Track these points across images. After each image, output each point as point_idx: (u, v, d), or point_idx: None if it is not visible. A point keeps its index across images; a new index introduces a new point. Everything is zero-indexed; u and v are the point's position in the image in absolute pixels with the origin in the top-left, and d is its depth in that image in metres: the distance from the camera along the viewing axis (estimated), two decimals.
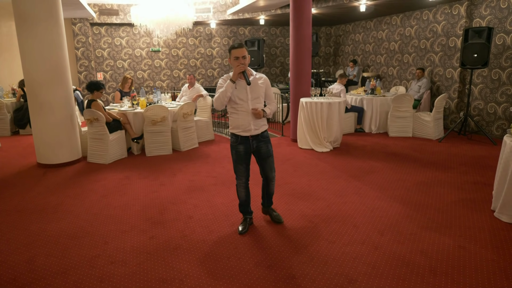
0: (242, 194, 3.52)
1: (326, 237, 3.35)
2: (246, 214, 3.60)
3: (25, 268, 2.95)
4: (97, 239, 3.40)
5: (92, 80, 6.04)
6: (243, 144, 3.33)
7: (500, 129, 7.24)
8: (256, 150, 3.38)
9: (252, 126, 3.29)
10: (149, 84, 11.71)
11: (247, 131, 3.29)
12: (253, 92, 3.26)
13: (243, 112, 3.27)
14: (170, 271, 2.87)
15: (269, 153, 3.44)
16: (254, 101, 3.27)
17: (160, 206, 4.15)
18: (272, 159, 3.47)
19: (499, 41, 7.05)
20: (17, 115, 8.47)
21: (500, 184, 3.67)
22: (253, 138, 3.33)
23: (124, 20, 10.60)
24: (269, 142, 3.46)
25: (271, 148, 3.47)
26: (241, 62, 3.15)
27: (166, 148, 6.44)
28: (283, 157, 6.12)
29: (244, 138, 3.32)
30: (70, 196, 4.51)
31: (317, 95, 6.71)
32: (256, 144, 3.36)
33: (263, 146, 3.39)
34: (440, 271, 2.79)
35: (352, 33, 11.62)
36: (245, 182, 3.48)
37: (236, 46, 3.17)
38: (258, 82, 3.30)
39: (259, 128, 3.34)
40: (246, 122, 3.27)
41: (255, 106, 3.28)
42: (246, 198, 3.53)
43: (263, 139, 3.39)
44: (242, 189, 3.50)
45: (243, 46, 3.19)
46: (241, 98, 3.25)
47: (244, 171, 3.42)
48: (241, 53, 3.16)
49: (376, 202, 4.14)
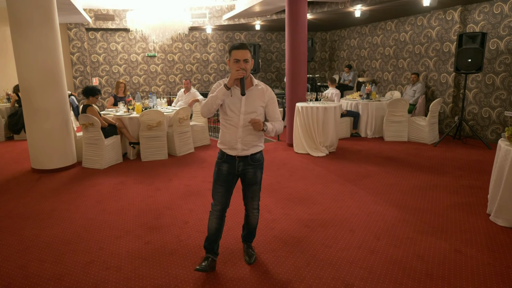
0: (212, 224, 2.85)
1: (322, 242, 3.34)
2: (209, 253, 2.90)
3: (18, 275, 2.91)
4: (92, 245, 3.37)
5: (88, 86, 6.02)
6: (227, 164, 2.77)
7: (494, 133, 7.29)
8: (241, 174, 2.80)
9: (240, 145, 2.71)
10: (144, 89, 11.70)
11: (232, 149, 2.73)
12: (249, 105, 2.69)
13: (231, 127, 2.72)
14: (166, 276, 2.84)
15: (255, 180, 2.83)
16: (247, 116, 2.69)
17: (155, 211, 4.12)
18: (258, 187, 2.89)
19: (492, 46, 7.12)
20: (12, 120, 8.41)
21: (495, 188, 3.69)
22: (241, 159, 2.75)
23: (119, 25, 10.60)
24: (260, 168, 2.84)
25: (260, 175, 2.86)
26: (242, 66, 2.60)
27: (161, 153, 6.42)
28: (279, 162, 6.11)
29: (229, 157, 2.77)
30: (64, 202, 4.47)
31: (312, 99, 6.73)
32: (243, 167, 2.77)
33: (250, 171, 2.79)
34: (437, 275, 2.78)
35: (347, 38, 11.69)
36: (220, 210, 2.82)
37: (238, 46, 2.63)
38: (258, 94, 2.73)
39: (249, 148, 2.74)
40: (233, 139, 2.71)
41: (248, 123, 2.70)
42: (215, 232, 2.86)
43: (253, 163, 2.78)
44: (213, 218, 2.84)
45: (246, 47, 2.65)
46: (232, 110, 2.69)
47: (221, 195, 2.80)
48: (242, 56, 2.61)
49: (372, 206, 4.14)
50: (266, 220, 3.82)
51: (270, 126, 2.76)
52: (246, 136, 2.71)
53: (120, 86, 7.54)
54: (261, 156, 2.84)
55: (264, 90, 2.76)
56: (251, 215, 2.97)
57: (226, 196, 2.82)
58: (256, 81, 2.78)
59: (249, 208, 2.96)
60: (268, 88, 2.80)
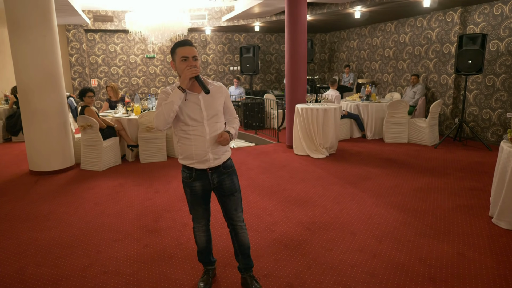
0: (201, 239, 2.67)
1: (323, 245, 3.31)
2: (207, 265, 2.77)
3: (15, 279, 2.86)
4: (90, 248, 3.33)
5: (83, 87, 6.01)
6: (199, 181, 2.46)
7: (495, 135, 7.26)
8: (217, 186, 2.50)
9: (211, 155, 2.40)
10: (143, 90, 11.66)
11: (203, 162, 2.40)
12: (210, 109, 2.37)
13: (197, 137, 2.37)
14: (165, 280, 2.80)
15: (234, 188, 2.53)
16: (212, 121, 2.38)
17: (154, 214, 4.08)
18: (238, 195, 2.56)
19: (493, 48, 7.10)
20: (10, 122, 8.37)
21: (497, 190, 3.65)
22: (213, 171, 2.45)
23: (118, 26, 10.56)
24: (234, 173, 2.56)
25: (237, 181, 2.57)
26: (192, 63, 2.27)
27: (160, 154, 6.38)
28: (279, 164, 6.08)
29: (200, 172, 2.44)
30: (62, 204, 4.42)
31: (312, 101, 6.70)
32: (217, 179, 2.47)
33: (226, 180, 2.50)
34: (440, 279, 2.75)
35: (346, 39, 11.67)
36: (204, 225, 2.65)
37: (183, 43, 2.32)
38: (216, 93, 2.42)
39: (220, 156, 2.44)
40: (202, 151, 2.38)
41: (214, 127, 2.39)
42: (206, 244, 2.70)
43: (226, 171, 2.49)
44: (201, 233, 2.66)
45: (192, 43, 2.34)
46: (193, 118, 2.34)
47: (203, 213, 2.60)
48: (191, 52, 2.28)
49: (373, 209, 4.10)
50: (266, 223, 3.78)
51: (233, 131, 2.49)
52: (215, 143, 2.39)
53: (109, 90, 7.42)
54: (231, 161, 2.56)
55: (219, 87, 2.46)
56: (239, 230, 2.59)
57: (207, 210, 2.62)
58: (208, 80, 2.45)
59: (234, 222, 2.58)
60: (220, 84, 2.50)
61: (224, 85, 2.75)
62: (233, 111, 2.59)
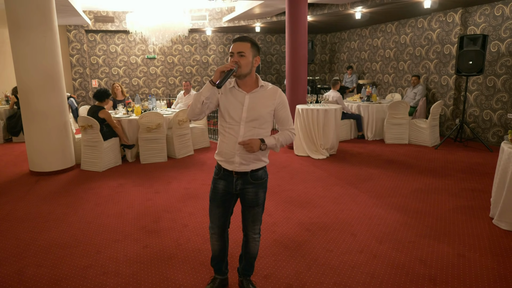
0: (214, 246, 2.54)
1: (323, 246, 3.30)
2: (217, 273, 2.65)
3: (14, 279, 2.86)
4: (90, 249, 3.32)
5: (101, 89, 6.05)
6: (223, 180, 2.35)
7: (496, 136, 7.25)
8: (240, 193, 2.37)
9: (238, 158, 2.26)
10: (144, 91, 11.66)
11: (229, 163, 2.29)
12: (252, 111, 2.23)
13: (230, 136, 2.27)
14: (164, 281, 2.80)
15: (257, 202, 2.38)
16: (251, 124, 2.24)
17: (154, 215, 4.07)
18: (260, 210, 2.43)
19: (493, 49, 7.09)
20: (10, 123, 8.37)
21: (498, 191, 3.64)
22: (238, 176, 2.32)
23: (119, 27, 10.57)
24: (263, 187, 2.39)
25: (263, 196, 2.41)
26: (235, 59, 2.19)
27: (161, 155, 6.37)
28: (279, 164, 6.07)
29: (226, 173, 2.34)
30: (62, 205, 4.42)
31: (313, 102, 6.69)
32: (241, 186, 2.33)
33: (251, 191, 2.35)
34: (440, 280, 2.74)
35: (347, 40, 11.67)
36: (218, 232, 2.48)
37: (235, 38, 2.23)
38: (265, 97, 2.27)
39: (249, 163, 2.29)
40: (230, 151, 2.27)
41: (252, 132, 2.25)
42: (219, 253, 2.57)
43: (254, 181, 2.33)
44: (214, 241, 2.52)
45: (245, 39, 2.21)
46: (231, 116, 2.25)
47: (219, 217, 2.43)
48: (237, 48, 2.19)
49: (374, 210, 4.10)
50: (267, 223, 3.78)
51: (272, 142, 2.27)
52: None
53: (115, 88, 7.48)
54: (264, 173, 2.38)
55: (273, 92, 2.29)
56: (251, 241, 2.51)
57: (225, 217, 2.45)
58: (263, 82, 2.31)
59: (249, 233, 2.49)
60: (278, 89, 2.31)
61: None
62: (287, 121, 2.35)
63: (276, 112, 2.32)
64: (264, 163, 2.36)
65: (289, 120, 2.37)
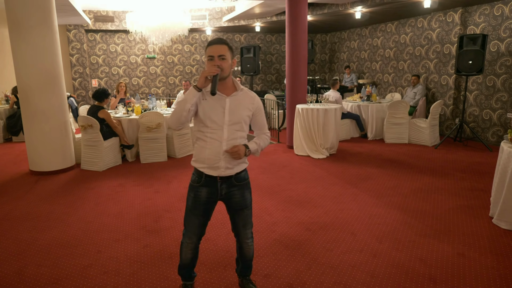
0: (187, 255, 2.45)
1: (323, 245, 3.30)
2: (187, 280, 2.56)
3: (15, 279, 2.86)
4: (90, 248, 3.33)
5: (99, 89, 6.04)
6: (206, 187, 2.28)
7: (495, 135, 7.25)
8: (225, 198, 2.33)
9: (223, 162, 2.23)
10: (144, 90, 11.66)
11: (214, 168, 2.23)
12: (233, 114, 2.21)
13: (213, 141, 2.22)
14: (165, 280, 2.80)
15: (245, 204, 2.37)
16: (232, 128, 2.22)
17: (154, 214, 4.08)
18: (248, 211, 2.40)
19: (493, 48, 7.10)
20: (10, 122, 8.37)
21: (498, 191, 3.65)
22: (223, 180, 2.28)
23: (119, 26, 10.57)
24: (247, 188, 2.39)
25: (250, 196, 2.41)
26: (216, 63, 2.14)
27: (161, 155, 6.37)
28: (279, 164, 6.07)
29: (209, 179, 2.27)
30: (62, 204, 4.42)
31: (313, 101, 6.70)
32: (226, 190, 2.30)
33: (237, 194, 2.33)
34: (440, 279, 2.74)
35: (347, 40, 11.67)
36: (195, 242, 2.41)
37: (212, 41, 2.18)
38: (245, 101, 2.28)
39: (234, 166, 2.27)
40: (215, 156, 2.22)
41: (234, 135, 2.23)
42: (191, 261, 2.49)
43: (238, 183, 2.32)
44: (188, 250, 2.43)
45: (222, 42, 2.18)
46: (213, 120, 2.20)
47: (198, 226, 2.37)
48: (217, 51, 2.14)
49: (374, 209, 4.10)
50: (267, 223, 3.78)
51: (254, 147, 2.30)
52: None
53: (120, 86, 7.50)
54: (246, 174, 2.38)
55: (252, 96, 2.31)
56: (244, 246, 2.47)
57: (205, 226, 2.39)
58: (241, 86, 2.30)
59: (241, 238, 2.45)
60: (255, 95, 2.34)
61: None
62: (263, 126, 2.40)
63: (254, 116, 2.34)
64: (246, 165, 2.37)
65: (265, 124, 2.43)
